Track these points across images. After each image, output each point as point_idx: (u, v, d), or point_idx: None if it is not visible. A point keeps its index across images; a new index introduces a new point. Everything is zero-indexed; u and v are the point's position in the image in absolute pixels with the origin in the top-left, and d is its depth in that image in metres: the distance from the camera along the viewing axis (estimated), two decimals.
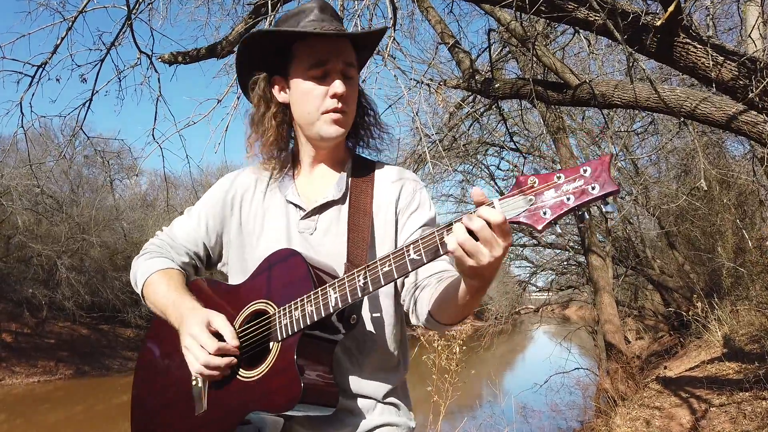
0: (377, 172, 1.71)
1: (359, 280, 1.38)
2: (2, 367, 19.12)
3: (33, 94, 5.59)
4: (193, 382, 1.56)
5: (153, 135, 5.98)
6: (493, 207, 1.21)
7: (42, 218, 20.66)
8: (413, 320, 1.58)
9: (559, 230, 1.23)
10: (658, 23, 3.70)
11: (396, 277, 1.33)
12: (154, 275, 1.68)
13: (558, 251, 18.08)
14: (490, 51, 6.40)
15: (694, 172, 12.19)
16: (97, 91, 5.81)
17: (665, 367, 10.60)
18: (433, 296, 1.49)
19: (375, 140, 1.75)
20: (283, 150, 1.71)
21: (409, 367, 1.72)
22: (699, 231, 13.14)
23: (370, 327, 1.61)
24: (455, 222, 1.24)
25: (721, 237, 11.72)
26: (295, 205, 1.68)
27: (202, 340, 1.47)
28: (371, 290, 1.37)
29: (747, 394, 6.90)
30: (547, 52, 5.99)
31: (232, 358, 1.48)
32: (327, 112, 1.60)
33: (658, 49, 4.25)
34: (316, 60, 1.59)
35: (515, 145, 10.43)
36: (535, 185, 1.19)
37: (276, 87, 1.68)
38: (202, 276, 1.81)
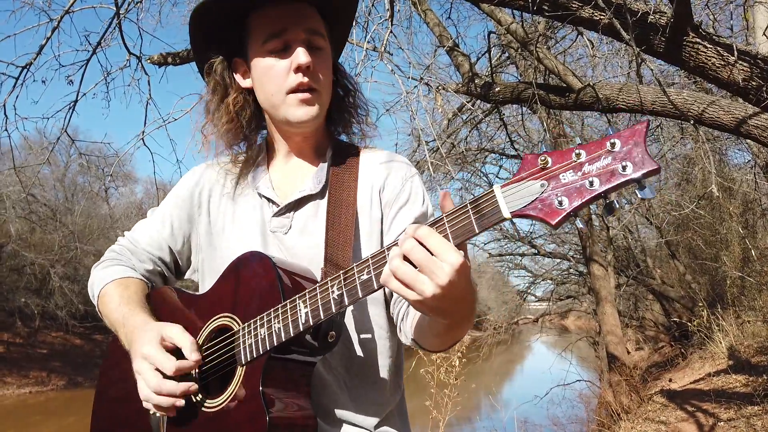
0: (363, 158, 1.48)
1: (333, 291, 1.13)
2: None
3: (17, 97, 5.40)
4: (151, 412, 1.32)
5: (143, 139, 5.81)
6: (493, 196, 0.96)
7: (35, 226, 20.44)
8: (402, 339, 1.36)
9: (580, 224, 0.97)
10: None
11: (376, 287, 1.08)
12: (109, 286, 1.46)
13: (558, 260, 17.89)
14: (489, 54, 6.23)
15: (694, 180, 12.03)
16: (84, 94, 5.63)
17: (669, 380, 10.38)
18: (415, 318, 1.26)
19: (358, 124, 1.51)
20: (246, 139, 1.49)
21: (403, 384, 1.51)
22: (701, 240, 12.96)
23: (358, 342, 1.38)
24: (399, 239, 0.99)
25: (725, 246, 11.54)
26: (268, 200, 1.46)
27: (158, 360, 1.23)
28: (347, 303, 1.12)
29: (756, 408, 6.68)
30: (548, 54, 5.82)
31: (191, 383, 1.23)
32: (292, 91, 1.36)
33: (667, 49, 4.09)
34: (273, 30, 1.36)
35: (516, 151, 10.25)
36: (548, 165, 0.92)
37: (238, 71, 1.47)
38: (172, 285, 1.58)
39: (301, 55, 1.34)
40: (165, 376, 1.23)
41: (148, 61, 5.54)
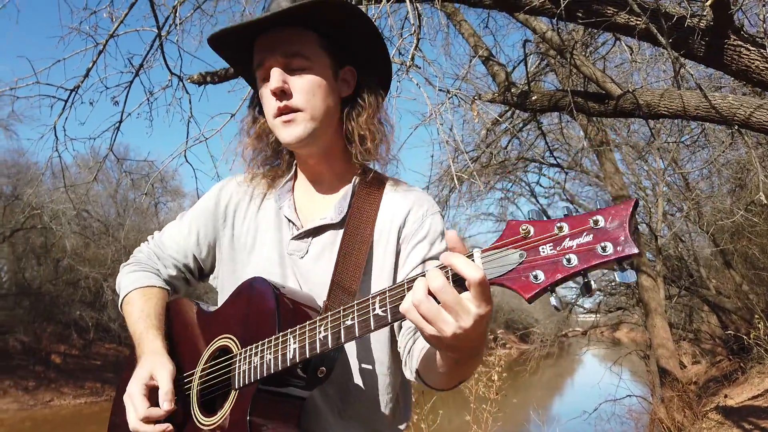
0: (388, 191, 1.46)
1: (320, 332, 1.14)
2: (51, 388, 19.59)
3: (66, 118, 5.64)
4: None
5: (185, 156, 5.96)
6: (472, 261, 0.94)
7: (89, 242, 21.22)
8: (406, 374, 1.35)
9: (554, 302, 0.92)
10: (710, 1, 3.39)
11: (358, 334, 1.09)
12: (133, 294, 1.54)
13: (605, 271, 17.37)
14: (526, 63, 6.16)
15: (749, 186, 11.53)
16: (129, 114, 5.83)
17: (725, 396, 9.92)
18: (422, 351, 1.25)
19: (372, 146, 1.44)
20: (271, 160, 1.53)
21: (410, 416, 1.49)
22: (758, 249, 12.39)
23: (356, 373, 1.38)
24: (427, 271, 0.97)
25: None
26: (289, 221, 1.48)
27: (134, 401, 1.32)
28: (330, 347, 1.13)
29: None
30: (586, 61, 5.71)
31: (166, 425, 1.30)
32: (276, 116, 1.39)
33: (707, 53, 3.96)
34: (258, 60, 1.41)
35: (555, 160, 10.03)
36: (530, 235, 0.91)
37: None
38: (194, 286, 1.68)
39: (272, 81, 1.36)
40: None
41: (189, 80, 5.70)
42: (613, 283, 17.60)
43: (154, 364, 1.36)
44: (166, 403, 1.30)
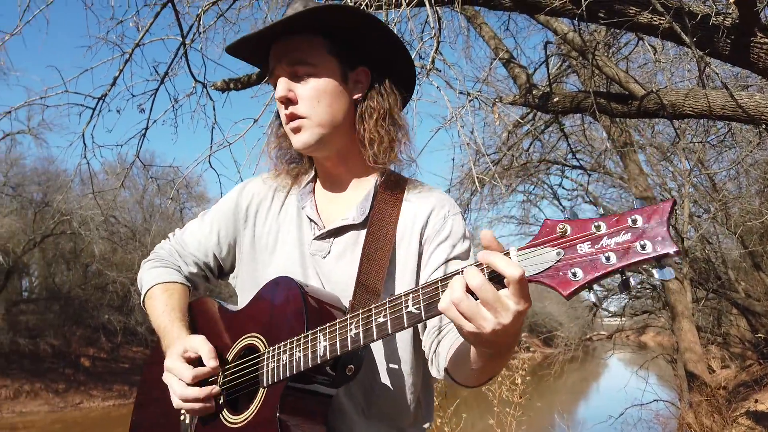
0: (408, 192, 1.47)
1: (350, 330, 1.15)
2: (80, 391, 19.98)
3: (94, 126, 5.75)
4: (182, 417, 1.42)
5: (209, 161, 6.04)
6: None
7: (117, 247, 21.60)
8: (433, 373, 1.36)
9: (593, 298, 0.95)
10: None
11: (390, 332, 1.10)
12: (155, 288, 1.56)
13: (630, 273, 17.14)
14: (547, 64, 6.14)
15: None
16: (154, 121, 5.92)
17: (756, 401, 9.72)
18: (452, 349, 1.26)
19: (380, 149, 1.43)
20: (297, 159, 1.56)
21: (432, 416, 1.50)
22: None
23: (380, 372, 1.39)
24: (465, 269, 0.99)
25: None
26: (311, 221, 1.49)
27: (178, 370, 1.33)
28: (362, 343, 1.14)
29: None
30: (608, 62, 5.67)
31: (213, 387, 1.32)
32: (286, 123, 1.43)
33: (733, 52, 3.91)
34: (270, 69, 1.44)
35: (578, 162, 9.92)
36: (567, 234, 0.92)
37: None
38: (214, 284, 1.69)
39: (277, 91, 1.40)
40: (189, 384, 1.33)
41: (212, 87, 5.78)
42: (639, 286, 17.33)
43: (186, 339, 1.39)
44: (211, 361, 1.32)
